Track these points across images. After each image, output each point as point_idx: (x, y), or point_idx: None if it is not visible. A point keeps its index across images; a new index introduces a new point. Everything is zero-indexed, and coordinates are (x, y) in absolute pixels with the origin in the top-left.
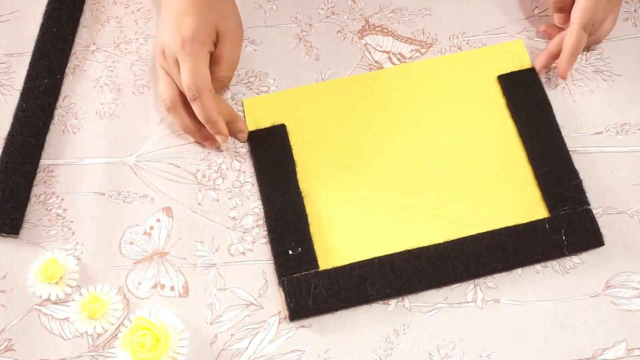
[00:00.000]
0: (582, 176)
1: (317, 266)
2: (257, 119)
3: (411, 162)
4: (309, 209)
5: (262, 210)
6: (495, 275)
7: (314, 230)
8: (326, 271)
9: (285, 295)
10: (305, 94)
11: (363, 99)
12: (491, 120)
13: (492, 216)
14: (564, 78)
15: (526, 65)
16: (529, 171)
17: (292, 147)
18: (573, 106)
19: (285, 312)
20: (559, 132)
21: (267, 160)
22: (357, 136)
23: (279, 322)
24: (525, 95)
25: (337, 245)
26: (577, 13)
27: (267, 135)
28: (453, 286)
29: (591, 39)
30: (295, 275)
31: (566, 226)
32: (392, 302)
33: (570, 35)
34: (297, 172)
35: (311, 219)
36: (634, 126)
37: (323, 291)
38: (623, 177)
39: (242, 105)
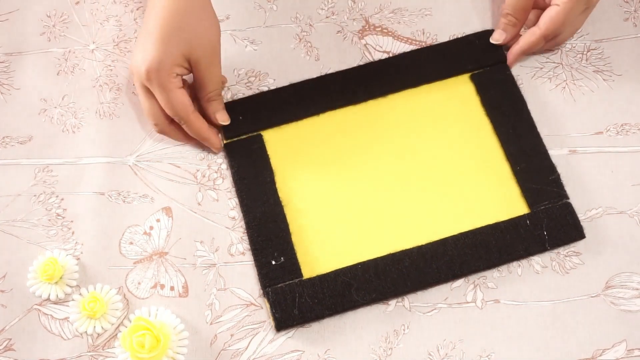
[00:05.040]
0: (582, 177)
1: (300, 275)
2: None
3: (390, 165)
4: (290, 218)
5: None
6: (495, 276)
7: (295, 239)
8: (310, 279)
9: (271, 306)
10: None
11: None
12: (467, 119)
13: (473, 215)
14: (509, 65)
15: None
16: (507, 168)
17: (270, 156)
18: (573, 106)
19: (271, 323)
20: (535, 128)
21: (246, 170)
22: (334, 142)
23: None
24: (498, 92)
25: (320, 252)
26: (546, 21)
27: (245, 146)
28: (453, 286)
29: (551, 43)
30: (279, 286)
31: (547, 221)
32: (392, 302)
33: (530, 36)
34: (276, 181)
35: (292, 228)
36: (634, 126)
37: (308, 300)
38: (623, 177)
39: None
